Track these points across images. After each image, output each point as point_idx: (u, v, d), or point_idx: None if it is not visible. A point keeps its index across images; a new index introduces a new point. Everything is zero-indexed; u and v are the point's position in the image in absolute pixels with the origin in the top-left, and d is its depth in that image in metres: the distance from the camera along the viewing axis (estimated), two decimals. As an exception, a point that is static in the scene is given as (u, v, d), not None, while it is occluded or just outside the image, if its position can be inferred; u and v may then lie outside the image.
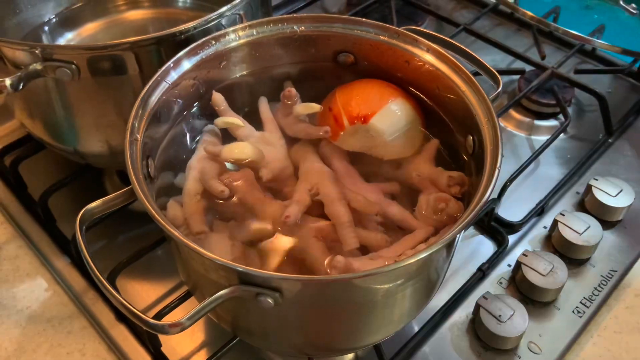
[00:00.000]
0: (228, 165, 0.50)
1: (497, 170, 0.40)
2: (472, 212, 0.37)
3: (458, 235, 0.39)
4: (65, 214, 0.62)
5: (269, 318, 0.42)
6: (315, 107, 0.52)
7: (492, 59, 0.80)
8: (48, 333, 0.54)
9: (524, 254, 0.56)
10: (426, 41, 0.50)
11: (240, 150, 0.49)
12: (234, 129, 0.51)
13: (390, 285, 0.39)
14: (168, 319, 0.50)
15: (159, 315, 0.51)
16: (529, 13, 0.78)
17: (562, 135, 0.71)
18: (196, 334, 0.54)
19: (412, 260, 0.35)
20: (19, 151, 0.67)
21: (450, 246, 0.43)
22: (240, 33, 0.51)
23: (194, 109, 0.52)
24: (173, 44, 0.50)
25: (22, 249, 0.61)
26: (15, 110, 0.61)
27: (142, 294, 0.57)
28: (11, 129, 0.72)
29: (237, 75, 0.53)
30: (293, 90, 0.53)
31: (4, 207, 0.64)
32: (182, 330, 0.36)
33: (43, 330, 0.54)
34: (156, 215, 0.37)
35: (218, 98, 0.51)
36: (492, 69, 0.50)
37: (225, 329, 0.48)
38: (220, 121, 0.51)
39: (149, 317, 0.36)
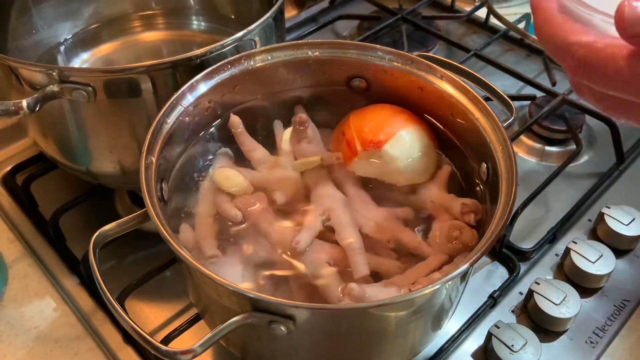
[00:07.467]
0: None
1: (512, 200, 0.39)
2: (487, 243, 0.37)
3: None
4: (76, 233, 0.62)
5: (280, 345, 0.41)
6: (314, 161, 0.51)
7: (502, 84, 0.81)
8: (55, 354, 0.53)
9: (536, 282, 0.55)
10: (440, 68, 0.50)
11: (229, 177, 0.49)
12: (250, 152, 0.51)
13: (404, 313, 0.39)
14: (177, 342, 0.51)
15: (167, 339, 0.51)
16: (540, 39, 0.79)
17: (573, 161, 0.70)
18: (204, 358, 0.53)
19: (427, 291, 0.35)
20: (31, 170, 0.68)
21: (464, 275, 0.42)
22: (255, 58, 0.51)
23: (208, 132, 0.52)
24: (188, 68, 0.50)
25: (32, 268, 0.60)
26: (28, 129, 0.61)
27: (150, 315, 0.57)
28: (23, 147, 0.72)
29: (251, 98, 0.54)
30: (304, 116, 0.53)
31: (14, 225, 0.64)
32: (193, 358, 0.35)
33: (50, 351, 0.54)
34: (171, 241, 0.37)
35: (235, 120, 0.51)
36: (506, 97, 0.50)
37: (234, 353, 0.47)
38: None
39: (160, 343, 0.36)
